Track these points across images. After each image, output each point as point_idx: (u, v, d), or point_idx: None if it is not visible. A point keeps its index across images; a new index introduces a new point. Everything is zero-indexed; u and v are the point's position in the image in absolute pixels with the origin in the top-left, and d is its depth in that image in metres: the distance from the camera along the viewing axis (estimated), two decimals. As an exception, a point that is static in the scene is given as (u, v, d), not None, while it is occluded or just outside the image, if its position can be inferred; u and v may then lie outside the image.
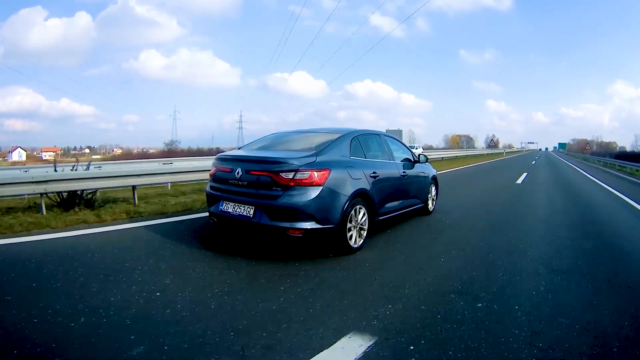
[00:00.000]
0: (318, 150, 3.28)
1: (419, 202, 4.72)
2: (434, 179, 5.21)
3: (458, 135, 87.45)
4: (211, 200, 3.45)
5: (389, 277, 2.69)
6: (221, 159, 3.49)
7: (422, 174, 4.80)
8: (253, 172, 3.10)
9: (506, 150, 49.76)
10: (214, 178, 3.50)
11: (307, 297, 2.31)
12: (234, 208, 3.17)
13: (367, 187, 3.44)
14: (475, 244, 3.65)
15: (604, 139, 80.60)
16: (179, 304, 2.15)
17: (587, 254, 3.42)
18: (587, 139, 76.73)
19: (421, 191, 4.77)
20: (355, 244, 3.27)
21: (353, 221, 3.25)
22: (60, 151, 66.42)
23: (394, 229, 4.16)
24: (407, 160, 4.53)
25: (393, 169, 4.09)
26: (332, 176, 3.08)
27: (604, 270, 2.97)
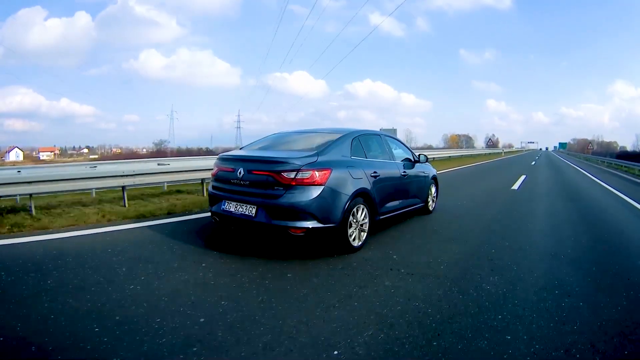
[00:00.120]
0: (319, 150, 3.31)
1: (419, 201, 4.75)
2: (434, 178, 5.24)
3: (457, 135, 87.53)
4: (213, 200, 3.47)
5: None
6: (223, 159, 3.51)
7: (422, 174, 4.83)
8: (255, 172, 3.13)
9: (505, 150, 49.38)
10: (216, 178, 3.52)
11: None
12: (236, 207, 3.19)
13: (368, 186, 3.47)
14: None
15: (605, 138, 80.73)
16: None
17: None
18: (588, 138, 76.42)
19: (421, 191, 4.79)
20: (356, 243, 3.30)
21: (354, 220, 3.28)
22: (58, 151, 66.23)
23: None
24: (408, 160, 4.56)
25: (393, 169, 4.12)
26: (333, 176, 3.11)
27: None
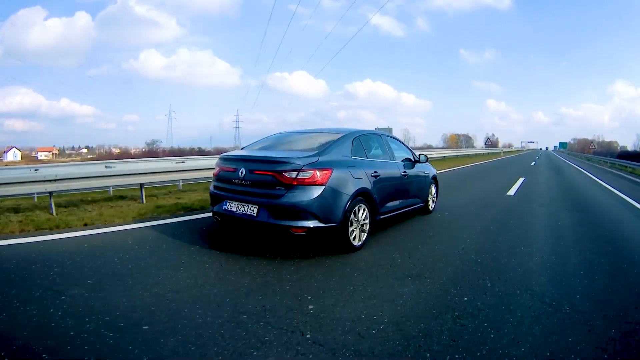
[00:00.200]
0: (320, 150, 3.33)
1: (419, 201, 4.77)
2: (434, 178, 5.27)
3: (457, 135, 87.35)
4: (215, 200, 3.50)
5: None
6: (225, 159, 3.53)
7: (423, 174, 4.86)
8: (257, 172, 3.15)
9: (504, 150, 49.02)
10: (217, 178, 3.54)
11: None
12: (238, 207, 3.22)
13: (369, 186, 3.49)
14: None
15: (605, 138, 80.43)
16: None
17: None
18: (588, 138, 76.09)
19: (421, 191, 4.82)
20: (357, 243, 3.33)
21: (355, 220, 3.30)
22: (57, 151, 66.02)
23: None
24: (408, 160, 4.59)
25: (394, 169, 4.14)
26: (334, 176, 3.13)
27: None
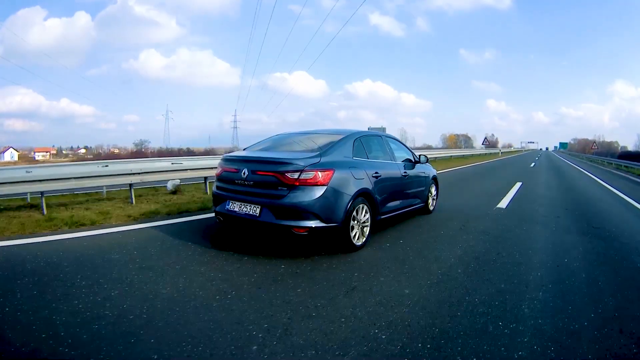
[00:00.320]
0: (322, 151, 3.37)
1: (419, 201, 4.81)
2: (434, 179, 5.31)
3: (456, 135, 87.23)
4: (217, 200, 3.53)
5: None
6: (227, 160, 3.57)
7: (423, 174, 4.89)
8: (259, 173, 3.19)
9: (502, 150, 48.53)
10: (219, 178, 3.58)
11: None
12: (240, 207, 3.25)
13: (370, 186, 3.53)
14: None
15: (605, 138, 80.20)
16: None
17: None
18: (588, 138, 75.94)
19: (422, 191, 4.86)
20: (358, 242, 3.37)
21: (356, 220, 3.34)
22: (55, 151, 65.79)
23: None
24: (408, 160, 4.62)
25: (394, 169, 4.18)
26: (335, 176, 3.17)
27: None
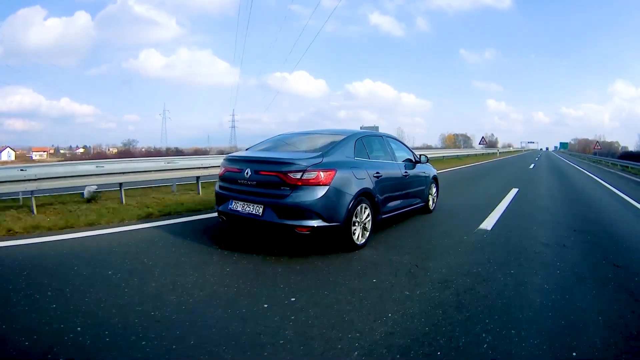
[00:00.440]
0: (324, 151, 3.41)
1: (419, 201, 4.85)
2: (434, 178, 5.36)
3: (454, 135, 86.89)
4: (220, 200, 3.56)
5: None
6: (230, 160, 3.61)
7: (423, 174, 4.94)
8: (262, 173, 3.22)
9: (500, 151, 47.94)
10: (222, 178, 3.61)
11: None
12: (243, 207, 3.28)
13: (371, 186, 3.57)
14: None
15: (606, 138, 79.85)
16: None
17: None
18: (589, 138, 75.47)
19: (422, 190, 4.90)
20: (360, 241, 3.40)
21: (357, 219, 3.38)
22: (52, 151, 65.50)
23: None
24: (409, 160, 4.66)
25: (395, 169, 4.22)
26: (337, 176, 3.21)
27: None
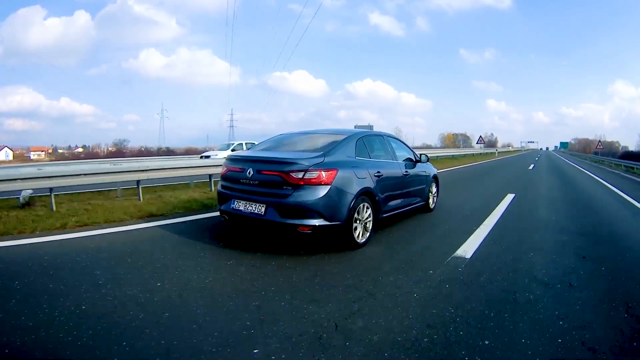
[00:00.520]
0: (325, 151, 3.44)
1: (420, 200, 4.88)
2: (434, 177, 5.39)
3: (454, 134, 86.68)
4: (222, 199, 3.59)
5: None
6: (232, 159, 3.64)
7: (424, 173, 4.97)
8: (264, 172, 3.25)
9: (499, 150, 47.34)
10: (225, 177, 3.64)
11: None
12: (246, 206, 3.31)
13: (372, 186, 3.60)
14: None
15: (606, 138, 79.51)
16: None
17: None
18: (589, 138, 75.24)
19: (422, 189, 4.93)
20: (361, 240, 3.43)
21: (359, 218, 3.41)
22: (51, 150, 65.39)
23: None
24: (409, 160, 4.69)
25: (396, 169, 4.24)
26: (339, 176, 3.24)
27: None
